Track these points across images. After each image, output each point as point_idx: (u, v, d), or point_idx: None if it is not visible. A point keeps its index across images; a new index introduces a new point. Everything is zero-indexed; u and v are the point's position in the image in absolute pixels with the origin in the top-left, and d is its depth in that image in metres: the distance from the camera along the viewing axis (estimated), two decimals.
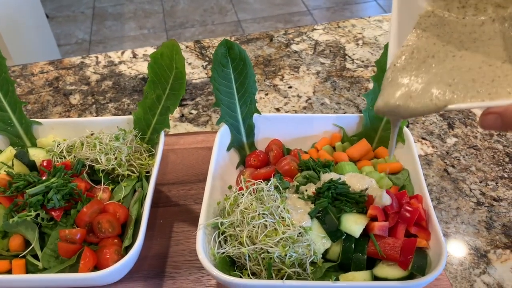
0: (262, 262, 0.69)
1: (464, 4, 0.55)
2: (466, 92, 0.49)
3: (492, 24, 0.53)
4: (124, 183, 0.84)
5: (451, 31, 0.54)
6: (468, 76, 0.50)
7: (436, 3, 0.56)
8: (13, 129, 0.93)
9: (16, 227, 0.75)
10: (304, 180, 0.81)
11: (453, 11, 0.55)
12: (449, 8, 0.56)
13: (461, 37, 0.54)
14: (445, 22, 0.55)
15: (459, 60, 0.52)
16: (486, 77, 0.49)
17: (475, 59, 0.51)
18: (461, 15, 0.55)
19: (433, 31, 0.55)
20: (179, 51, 0.82)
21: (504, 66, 0.49)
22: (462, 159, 1.04)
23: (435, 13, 0.56)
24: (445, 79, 0.51)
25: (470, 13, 0.54)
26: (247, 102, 0.91)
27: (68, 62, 1.40)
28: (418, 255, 0.70)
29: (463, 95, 0.49)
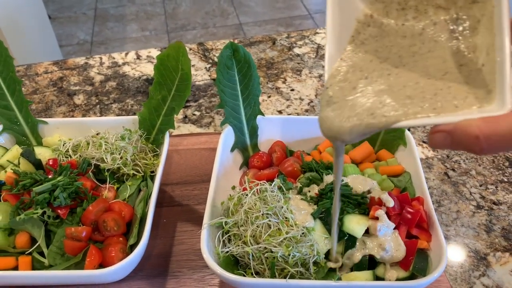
0: (265, 262, 0.70)
1: (403, 6, 0.52)
2: (406, 110, 0.45)
3: (433, 28, 0.50)
4: (129, 182, 0.85)
5: (390, 44, 0.51)
6: (403, 94, 0.47)
7: (375, 6, 0.53)
8: (19, 128, 0.94)
9: (22, 225, 0.76)
10: (307, 181, 0.82)
11: (392, 14, 0.52)
12: (388, 11, 0.52)
13: (400, 52, 0.51)
14: (385, 34, 0.52)
15: (394, 78, 0.49)
16: (426, 92, 0.46)
17: (412, 75, 0.49)
18: (401, 19, 0.52)
19: (371, 45, 0.52)
20: (185, 53, 0.84)
21: (446, 77, 0.47)
22: (463, 163, 1.06)
23: (374, 18, 0.53)
24: (381, 99, 0.48)
25: (410, 16, 0.51)
26: (251, 104, 0.92)
27: (72, 63, 1.41)
28: (419, 256, 0.71)
29: (402, 113, 0.45)
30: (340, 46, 0.53)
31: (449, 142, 0.42)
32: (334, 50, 0.52)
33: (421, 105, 0.45)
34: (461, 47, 0.48)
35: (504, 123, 0.39)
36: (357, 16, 0.53)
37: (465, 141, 0.40)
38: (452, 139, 0.41)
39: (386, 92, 0.48)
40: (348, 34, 0.53)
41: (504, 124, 0.39)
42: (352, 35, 0.53)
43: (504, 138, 0.39)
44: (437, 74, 0.47)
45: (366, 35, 0.53)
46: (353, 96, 0.49)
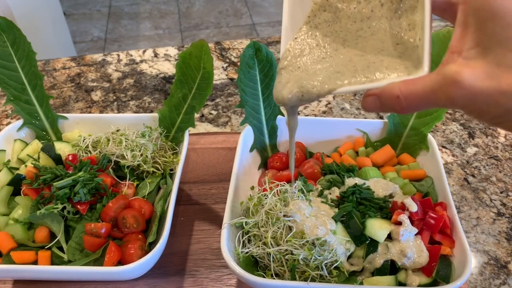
0: (286, 264, 0.70)
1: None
2: (339, 81, 0.51)
3: (380, 10, 0.54)
4: (148, 179, 0.84)
5: (340, 30, 0.56)
6: (336, 69, 0.53)
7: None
8: (40, 122, 0.94)
9: (42, 219, 0.76)
10: (328, 183, 0.81)
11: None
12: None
13: (346, 36, 0.56)
14: (337, 20, 0.57)
15: (332, 58, 0.55)
16: (358, 66, 0.51)
17: (348, 54, 0.54)
18: (354, 2, 0.56)
19: (323, 30, 0.57)
20: (208, 52, 0.83)
21: (380, 54, 0.52)
22: (483, 169, 1.04)
23: (329, 1, 0.57)
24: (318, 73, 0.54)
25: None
26: (271, 104, 0.91)
27: (89, 59, 1.42)
28: (442, 263, 0.70)
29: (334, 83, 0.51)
30: (296, 24, 0.59)
31: (378, 104, 0.47)
32: (289, 27, 0.58)
33: (353, 76, 0.51)
34: (402, 25, 0.52)
35: (420, 83, 0.43)
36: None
37: (389, 101, 0.45)
38: (380, 100, 0.47)
39: (324, 69, 0.54)
40: (304, 14, 0.59)
41: (420, 84, 0.43)
42: (308, 15, 0.59)
43: (419, 96, 0.43)
44: (373, 52, 0.53)
45: (320, 19, 0.58)
46: (297, 71, 0.56)
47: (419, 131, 0.88)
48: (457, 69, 0.40)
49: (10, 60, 0.90)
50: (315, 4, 0.58)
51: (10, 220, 0.79)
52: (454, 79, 0.40)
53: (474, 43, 0.40)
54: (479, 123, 1.16)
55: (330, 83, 0.51)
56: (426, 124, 0.88)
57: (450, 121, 1.17)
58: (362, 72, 0.50)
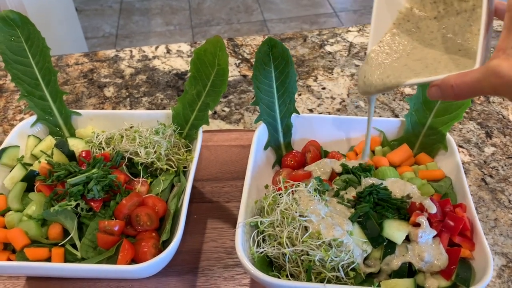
0: (301, 264, 0.68)
1: (435, 0, 0.66)
2: (414, 73, 0.63)
3: (453, 19, 0.64)
4: (162, 177, 0.84)
5: (417, 39, 0.68)
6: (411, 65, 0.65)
7: (413, 0, 0.68)
8: (53, 118, 0.94)
9: (55, 216, 0.75)
10: (344, 183, 0.80)
11: (427, 7, 0.67)
12: (424, 4, 0.67)
13: (422, 43, 0.68)
14: (417, 31, 0.68)
15: (404, 58, 0.67)
16: (428, 64, 0.64)
17: (420, 55, 0.66)
18: (434, 11, 0.66)
19: (403, 38, 0.69)
20: (223, 48, 0.82)
21: (445, 56, 0.64)
22: (501, 169, 1.02)
23: (413, 12, 0.68)
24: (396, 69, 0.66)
25: (441, 8, 0.65)
26: (286, 102, 0.90)
27: (102, 55, 1.41)
28: (462, 266, 0.68)
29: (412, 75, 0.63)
30: (381, 30, 0.70)
31: (439, 93, 0.58)
32: (376, 30, 0.70)
33: (423, 71, 0.63)
34: (473, 30, 0.62)
35: (470, 74, 0.54)
36: (399, 8, 0.69)
37: (446, 90, 0.56)
38: (440, 90, 0.57)
39: (400, 66, 0.66)
40: (390, 21, 0.70)
41: (469, 75, 0.54)
42: (393, 22, 0.70)
43: (468, 85, 0.54)
44: (440, 54, 0.64)
45: (403, 29, 0.69)
46: (380, 66, 0.68)
47: (437, 130, 0.86)
48: (498, 62, 0.50)
49: (24, 56, 0.89)
50: (400, 13, 0.69)
51: (24, 216, 0.79)
52: (495, 71, 0.50)
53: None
54: (497, 122, 1.13)
55: (405, 76, 0.63)
56: (445, 123, 0.86)
57: (467, 120, 1.14)
58: (429, 68, 0.62)
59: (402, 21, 0.69)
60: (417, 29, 0.68)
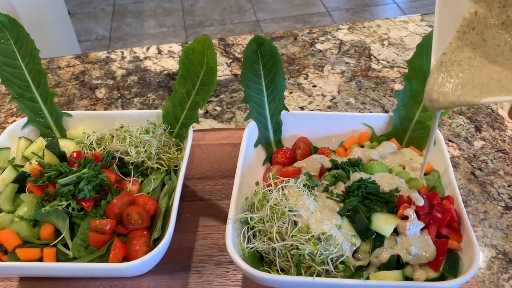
0: (291, 259, 0.69)
1: (504, 3, 0.58)
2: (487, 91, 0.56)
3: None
4: (153, 176, 0.84)
5: (483, 54, 0.61)
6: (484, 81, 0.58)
7: (479, 4, 0.60)
8: (44, 120, 0.94)
9: (47, 216, 0.76)
10: (333, 179, 0.81)
11: (495, 10, 0.59)
12: (491, 8, 0.59)
13: (490, 54, 0.61)
14: (483, 43, 0.61)
15: (475, 72, 0.60)
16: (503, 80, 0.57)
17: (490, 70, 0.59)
18: (503, 16, 0.58)
19: (467, 53, 0.62)
20: (211, 47, 0.83)
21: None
22: (490, 162, 1.03)
23: (478, 16, 0.61)
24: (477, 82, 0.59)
25: (510, 12, 0.58)
26: (275, 99, 0.91)
27: (94, 57, 1.42)
28: (449, 257, 0.69)
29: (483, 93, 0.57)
30: (445, 38, 0.63)
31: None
32: (439, 40, 0.64)
33: (500, 89, 0.56)
34: None
35: None
36: (463, 13, 0.62)
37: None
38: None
39: (471, 81, 0.60)
40: (453, 28, 0.63)
41: None
42: (457, 30, 0.63)
43: None
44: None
45: (468, 41, 0.62)
46: (451, 79, 0.62)
47: (425, 125, 0.87)
48: None
49: (13, 58, 0.90)
50: (464, 19, 0.62)
51: (15, 217, 0.79)
52: None
53: None
54: (486, 116, 1.15)
55: (480, 94, 0.56)
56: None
57: (456, 115, 1.15)
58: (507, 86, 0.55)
59: (466, 29, 0.62)
60: (483, 44, 0.62)
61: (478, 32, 0.61)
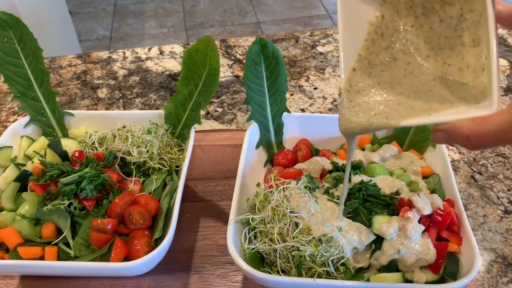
0: (292, 260, 0.69)
1: (411, 4, 0.55)
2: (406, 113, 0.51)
3: (439, 27, 0.52)
4: (154, 176, 0.84)
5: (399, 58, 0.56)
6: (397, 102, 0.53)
7: (384, 6, 0.56)
8: (46, 119, 0.94)
9: (49, 215, 0.76)
10: (334, 181, 0.81)
11: (402, 12, 0.55)
12: (398, 10, 0.55)
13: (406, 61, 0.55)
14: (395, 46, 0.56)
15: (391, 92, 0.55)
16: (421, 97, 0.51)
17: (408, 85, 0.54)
18: (411, 18, 0.55)
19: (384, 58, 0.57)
20: (214, 48, 0.83)
21: (443, 81, 0.51)
22: (490, 166, 1.03)
23: (385, 19, 0.56)
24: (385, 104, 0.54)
25: (419, 12, 0.54)
26: (277, 101, 0.91)
27: (95, 57, 1.42)
28: (449, 260, 0.69)
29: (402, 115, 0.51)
30: (354, 49, 0.57)
31: (447, 139, 0.47)
32: (348, 54, 0.57)
33: (419, 109, 0.50)
34: (465, 41, 0.50)
35: (491, 122, 0.42)
36: (368, 19, 0.56)
37: (459, 139, 0.45)
38: (449, 137, 0.46)
39: (386, 102, 0.54)
40: (361, 37, 0.57)
41: (491, 124, 0.42)
42: (365, 38, 0.57)
43: (491, 137, 0.43)
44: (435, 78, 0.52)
45: (378, 48, 0.56)
46: (363, 101, 0.55)
47: (425, 128, 0.88)
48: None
49: (17, 57, 0.90)
50: (370, 25, 0.57)
51: (17, 216, 0.79)
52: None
53: None
54: None
55: (396, 117, 0.51)
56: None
57: None
58: (426, 104, 0.49)
59: (374, 36, 0.57)
60: (395, 47, 0.56)
61: (388, 36, 0.56)
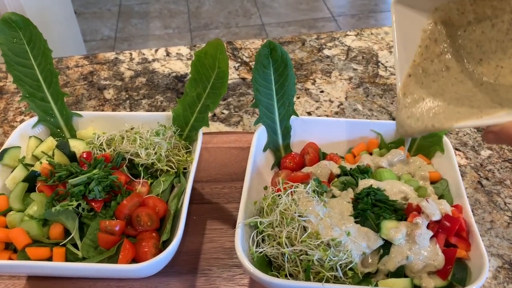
0: (300, 264, 0.69)
1: (462, 10, 0.57)
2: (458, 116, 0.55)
3: (491, 31, 0.54)
4: (162, 178, 0.84)
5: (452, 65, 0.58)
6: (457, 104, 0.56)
7: (436, 14, 0.58)
8: (54, 120, 0.94)
9: (57, 216, 0.76)
10: (342, 185, 0.81)
11: (454, 18, 0.57)
12: (450, 16, 0.57)
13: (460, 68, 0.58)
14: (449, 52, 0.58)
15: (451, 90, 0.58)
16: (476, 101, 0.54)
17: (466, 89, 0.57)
18: (464, 21, 0.57)
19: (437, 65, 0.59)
20: (224, 51, 0.83)
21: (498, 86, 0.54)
22: (497, 172, 1.03)
23: (437, 26, 0.58)
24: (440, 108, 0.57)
25: (471, 17, 0.56)
26: (285, 104, 0.91)
27: (102, 57, 1.42)
28: (458, 266, 0.69)
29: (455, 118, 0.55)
30: (408, 56, 0.60)
31: (498, 140, 0.52)
32: (403, 60, 0.60)
33: (472, 112, 0.54)
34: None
35: None
36: (421, 26, 0.59)
37: (508, 140, 0.50)
38: (500, 138, 0.51)
39: (444, 104, 0.57)
40: (415, 44, 0.60)
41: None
42: (419, 45, 0.59)
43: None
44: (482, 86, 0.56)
45: (432, 54, 0.59)
46: (420, 105, 0.59)
47: (434, 133, 0.88)
48: None
49: (26, 58, 0.90)
50: (424, 32, 0.59)
51: (25, 216, 0.79)
52: None
53: None
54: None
55: (452, 119, 0.54)
56: None
57: None
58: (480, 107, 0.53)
59: (428, 42, 0.59)
60: (449, 52, 0.58)
61: (440, 42, 0.58)
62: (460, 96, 0.56)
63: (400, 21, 0.58)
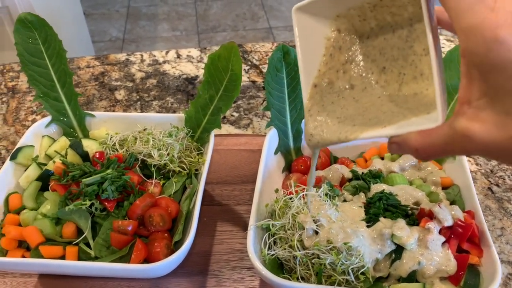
0: (312, 267, 0.69)
1: (364, 17, 0.55)
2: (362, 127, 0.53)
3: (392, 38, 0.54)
4: (174, 179, 0.85)
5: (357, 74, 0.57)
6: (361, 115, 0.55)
7: (338, 21, 0.57)
8: (67, 119, 0.95)
9: (70, 215, 0.76)
10: (354, 189, 0.81)
11: (357, 25, 0.56)
12: (353, 23, 0.56)
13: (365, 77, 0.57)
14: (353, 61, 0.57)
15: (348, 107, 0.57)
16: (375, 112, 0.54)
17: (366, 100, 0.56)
18: (367, 28, 0.56)
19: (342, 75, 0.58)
20: (237, 54, 0.84)
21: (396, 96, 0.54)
22: (507, 178, 1.03)
23: (341, 33, 0.57)
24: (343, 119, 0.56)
25: (373, 23, 0.55)
26: (297, 107, 0.92)
27: (113, 58, 1.43)
28: (470, 272, 0.69)
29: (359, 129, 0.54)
30: (313, 66, 0.59)
31: (401, 151, 0.51)
32: (308, 70, 0.59)
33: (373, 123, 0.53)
34: (417, 51, 0.51)
35: (435, 135, 0.46)
36: (325, 34, 0.57)
37: (410, 151, 0.49)
38: (402, 149, 0.50)
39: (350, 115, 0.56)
40: (319, 53, 0.58)
41: (435, 136, 0.46)
42: (323, 53, 0.58)
43: (436, 149, 0.46)
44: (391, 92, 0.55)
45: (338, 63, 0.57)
46: (326, 116, 0.58)
47: None
48: (466, 124, 0.42)
49: (41, 58, 0.91)
50: (327, 40, 0.57)
51: (39, 215, 0.80)
52: (464, 134, 0.42)
53: (481, 93, 0.41)
54: None
55: (357, 131, 0.53)
56: None
57: None
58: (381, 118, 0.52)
59: (332, 51, 0.57)
60: (354, 62, 0.57)
61: (345, 50, 0.57)
62: (367, 106, 0.55)
63: (302, 29, 0.57)
